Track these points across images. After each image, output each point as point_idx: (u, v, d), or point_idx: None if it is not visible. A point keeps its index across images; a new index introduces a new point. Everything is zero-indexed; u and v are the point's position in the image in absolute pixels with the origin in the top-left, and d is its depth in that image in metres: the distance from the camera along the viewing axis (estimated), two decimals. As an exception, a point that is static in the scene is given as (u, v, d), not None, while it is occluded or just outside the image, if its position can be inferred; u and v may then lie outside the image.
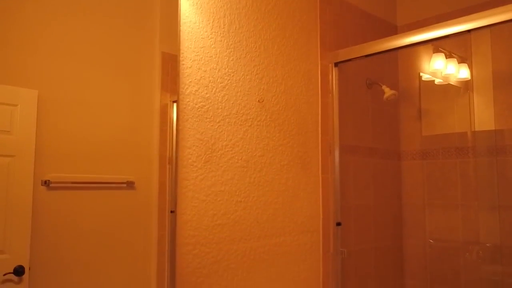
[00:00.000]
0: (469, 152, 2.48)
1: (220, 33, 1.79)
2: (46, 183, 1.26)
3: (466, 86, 2.57)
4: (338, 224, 2.21)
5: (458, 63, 2.57)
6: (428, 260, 2.59)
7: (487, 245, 2.29)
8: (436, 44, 2.54)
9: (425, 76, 2.72)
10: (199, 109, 1.69)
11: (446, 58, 2.57)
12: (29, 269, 1.22)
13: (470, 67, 2.55)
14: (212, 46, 1.76)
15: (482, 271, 2.25)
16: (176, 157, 1.60)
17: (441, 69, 2.56)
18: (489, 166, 2.38)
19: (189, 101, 1.66)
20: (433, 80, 2.69)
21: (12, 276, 1.19)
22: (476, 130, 2.46)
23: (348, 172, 2.39)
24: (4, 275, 1.18)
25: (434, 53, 2.58)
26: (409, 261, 2.69)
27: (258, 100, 1.93)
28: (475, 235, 2.39)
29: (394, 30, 2.85)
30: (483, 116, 2.43)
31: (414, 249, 2.66)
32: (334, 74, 2.25)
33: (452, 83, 2.64)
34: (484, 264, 2.31)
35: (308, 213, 2.12)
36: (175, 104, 1.60)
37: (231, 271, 1.76)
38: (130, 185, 1.46)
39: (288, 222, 2.01)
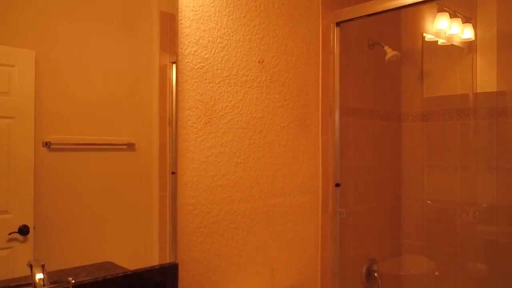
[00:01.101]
0: (469, 114, 2.48)
1: (219, -8, 1.75)
2: (47, 144, 1.27)
3: (469, 46, 2.53)
4: (337, 185, 2.24)
5: (463, 23, 2.52)
6: (425, 220, 2.64)
7: (484, 205, 2.32)
8: (441, 3, 2.48)
9: (428, 37, 2.67)
10: (198, 70, 1.67)
11: (451, 17, 2.51)
12: (34, 228, 1.24)
13: (475, 27, 2.50)
14: (211, 5, 1.72)
15: (477, 231, 2.30)
16: (176, 119, 1.59)
17: (445, 29, 2.51)
18: (489, 128, 2.38)
19: (188, 62, 1.64)
20: (436, 41, 2.65)
21: (17, 235, 1.22)
22: (477, 92, 2.45)
23: (348, 134, 2.40)
24: (9, 234, 1.21)
25: (438, 12, 2.52)
26: (406, 221, 2.74)
27: (258, 61, 1.90)
28: (472, 196, 2.42)
29: (398, -11, 2.77)
30: (485, 77, 2.41)
31: (412, 209, 2.70)
32: (335, 34, 2.21)
33: (455, 44, 2.60)
34: (480, 224, 2.35)
35: (308, 175, 2.14)
36: (174, 65, 1.59)
37: (232, 230, 1.79)
38: (130, 146, 1.47)
39: (288, 183, 2.04)
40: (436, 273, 2.56)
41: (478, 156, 2.41)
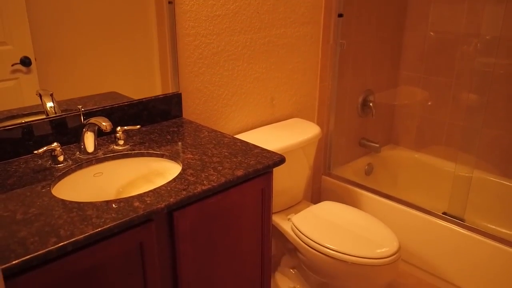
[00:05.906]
0: None
1: None
2: (33, -31, 1.18)
3: None
4: (340, 15, 2.17)
5: None
6: (426, 52, 2.63)
7: (487, 37, 2.29)
8: None
9: None
10: None
11: None
12: (35, 60, 1.25)
13: None
14: None
15: (475, 63, 2.31)
16: None
17: None
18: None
19: None
20: None
21: (20, 67, 1.23)
22: None
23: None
24: (12, 65, 1.21)
25: None
26: (406, 53, 2.73)
27: None
28: (477, 28, 2.37)
29: None
30: None
31: (414, 40, 2.67)
32: None
33: None
34: (479, 57, 2.35)
35: (310, 4, 2.05)
36: None
37: (232, 61, 1.80)
38: (123, -28, 1.37)
39: (289, 13, 1.97)
40: (429, 103, 2.67)
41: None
